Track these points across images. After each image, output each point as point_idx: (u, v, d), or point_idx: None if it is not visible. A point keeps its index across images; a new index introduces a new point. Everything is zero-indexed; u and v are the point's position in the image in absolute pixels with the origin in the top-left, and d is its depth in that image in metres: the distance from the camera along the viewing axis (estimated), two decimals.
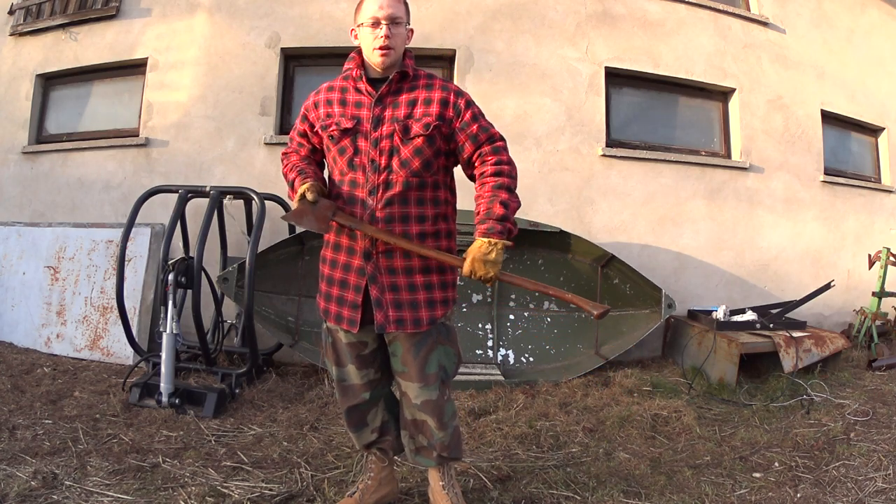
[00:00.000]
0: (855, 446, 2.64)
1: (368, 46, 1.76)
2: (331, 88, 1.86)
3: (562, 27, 4.70)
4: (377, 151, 1.76)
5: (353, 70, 1.81)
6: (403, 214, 1.78)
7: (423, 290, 1.82)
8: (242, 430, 2.79)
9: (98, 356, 3.90)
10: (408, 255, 1.79)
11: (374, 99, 1.77)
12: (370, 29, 1.74)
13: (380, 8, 1.72)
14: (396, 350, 1.86)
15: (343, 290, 1.84)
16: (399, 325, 1.79)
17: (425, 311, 1.82)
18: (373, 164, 1.76)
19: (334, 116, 1.80)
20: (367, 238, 1.78)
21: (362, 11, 1.77)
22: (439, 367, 1.87)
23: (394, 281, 1.80)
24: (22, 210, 4.90)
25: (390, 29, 1.72)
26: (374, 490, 2.03)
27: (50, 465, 2.27)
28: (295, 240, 3.89)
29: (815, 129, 5.27)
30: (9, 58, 5.20)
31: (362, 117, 1.77)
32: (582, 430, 2.87)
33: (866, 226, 5.43)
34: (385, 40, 1.72)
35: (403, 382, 1.89)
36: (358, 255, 1.81)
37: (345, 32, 4.52)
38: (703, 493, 2.22)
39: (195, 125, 4.55)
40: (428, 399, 1.85)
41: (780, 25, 5.26)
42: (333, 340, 1.92)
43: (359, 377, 1.90)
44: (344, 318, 1.83)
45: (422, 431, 1.90)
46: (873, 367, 4.09)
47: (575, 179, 4.56)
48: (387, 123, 1.76)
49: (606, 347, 4.04)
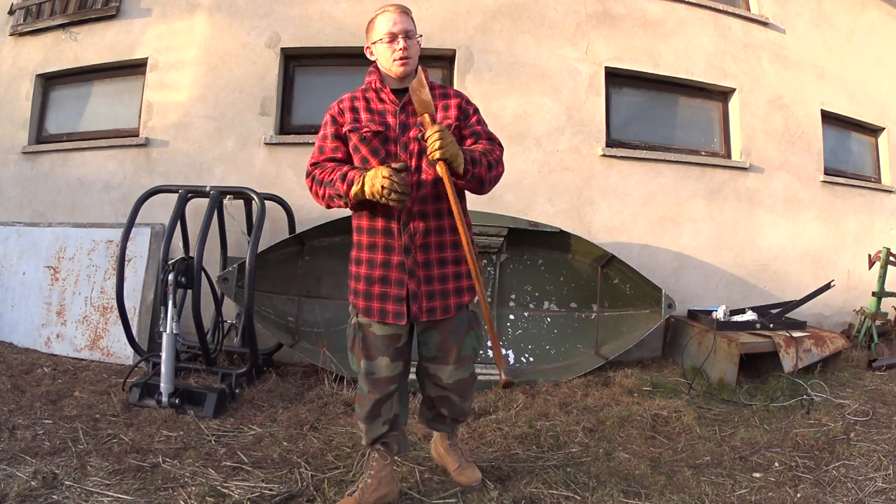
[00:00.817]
0: (855, 446, 2.64)
1: (388, 59, 1.95)
2: (354, 98, 2.02)
3: (562, 27, 4.70)
4: (407, 154, 1.94)
5: (374, 82, 2.00)
6: (436, 210, 1.96)
7: (453, 279, 2.01)
8: (242, 430, 2.79)
9: (98, 356, 3.90)
10: (441, 248, 1.98)
11: (398, 107, 1.96)
12: (387, 44, 1.94)
13: (394, 24, 1.93)
14: (430, 339, 2.05)
15: (385, 287, 1.97)
16: (430, 314, 1.98)
17: (453, 299, 2.01)
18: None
19: (362, 121, 1.96)
20: (406, 234, 1.94)
21: (376, 29, 1.97)
22: (472, 349, 2.11)
23: (429, 273, 1.98)
24: (22, 210, 4.90)
25: (406, 41, 1.92)
26: (374, 489, 2.06)
27: (50, 465, 2.27)
28: (295, 240, 3.89)
29: (815, 129, 5.27)
30: (9, 58, 5.21)
31: (389, 123, 1.96)
32: (582, 430, 2.87)
33: (866, 226, 5.43)
34: (403, 52, 1.92)
35: (434, 366, 2.08)
36: (397, 251, 1.95)
37: (345, 32, 4.53)
38: (703, 493, 2.22)
39: (195, 125, 4.55)
40: (461, 378, 2.08)
41: (780, 25, 5.26)
42: (364, 335, 2.01)
43: (390, 369, 2.01)
44: (389, 312, 1.96)
45: (444, 405, 2.16)
46: (873, 367, 4.08)
47: (575, 179, 4.56)
48: (413, 128, 1.94)
49: (606, 347, 4.04)
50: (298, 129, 4.59)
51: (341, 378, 3.42)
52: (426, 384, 2.15)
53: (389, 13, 1.95)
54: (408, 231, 1.94)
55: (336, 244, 3.96)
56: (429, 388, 2.15)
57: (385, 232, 1.94)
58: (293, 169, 4.43)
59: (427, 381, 2.14)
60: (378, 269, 1.96)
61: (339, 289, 4.03)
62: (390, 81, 1.99)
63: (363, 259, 1.99)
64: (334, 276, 4.02)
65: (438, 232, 1.97)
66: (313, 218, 4.16)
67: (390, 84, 1.99)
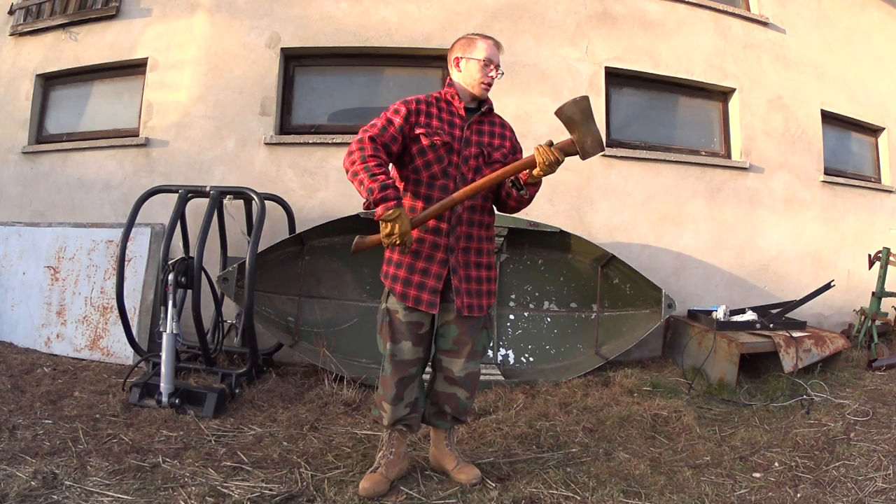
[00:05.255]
0: (855, 446, 2.64)
1: (475, 78, 2.17)
2: (428, 103, 2.18)
3: (562, 27, 4.70)
4: (467, 167, 2.15)
5: (451, 94, 2.20)
6: (480, 221, 2.21)
7: (486, 282, 2.24)
8: (242, 430, 2.79)
9: (98, 356, 3.90)
10: (478, 253, 2.21)
11: (465, 123, 2.18)
12: (482, 66, 2.16)
13: (493, 55, 2.18)
14: (449, 332, 2.20)
15: (424, 278, 2.14)
16: (470, 309, 2.17)
17: (485, 300, 2.23)
18: (462, 177, 2.14)
19: (434, 127, 2.13)
20: (453, 236, 2.14)
21: (477, 49, 2.18)
22: (483, 346, 2.29)
23: (468, 273, 2.19)
24: (22, 210, 4.90)
25: (496, 71, 2.18)
26: (395, 464, 2.24)
27: (50, 465, 2.26)
28: (295, 240, 3.89)
29: (815, 129, 5.27)
30: (9, 58, 5.21)
31: (455, 136, 2.15)
32: (582, 430, 2.87)
33: (866, 226, 5.43)
34: (490, 79, 2.18)
35: (448, 359, 2.23)
36: (441, 249, 2.14)
37: (345, 32, 4.53)
38: (703, 493, 2.22)
39: (195, 125, 4.55)
40: (472, 371, 2.25)
41: (780, 25, 5.26)
42: (391, 320, 2.18)
43: (412, 353, 2.17)
44: (423, 300, 2.13)
45: (448, 402, 2.26)
46: (873, 367, 4.08)
47: (575, 179, 4.56)
48: (474, 146, 2.17)
49: (606, 347, 4.04)
50: (298, 129, 4.59)
51: (341, 378, 3.42)
52: (436, 378, 2.28)
53: (493, 43, 2.19)
54: (455, 233, 2.14)
55: (336, 244, 3.96)
56: (438, 382, 2.27)
57: (434, 230, 2.13)
58: (293, 169, 4.43)
59: (438, 375, 2.27)
60: (421, 262, 2.14)
61: (338, 289, 4.03)
62: (464, 98, 2.20)
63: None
64: (334, 276, 4.02)
65: (479, 239, 2.21)
66: (313, 218, 4.16)
67: (465, 101, 2.20)
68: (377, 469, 2.21)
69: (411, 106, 2.13)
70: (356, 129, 2.13)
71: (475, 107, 2.23)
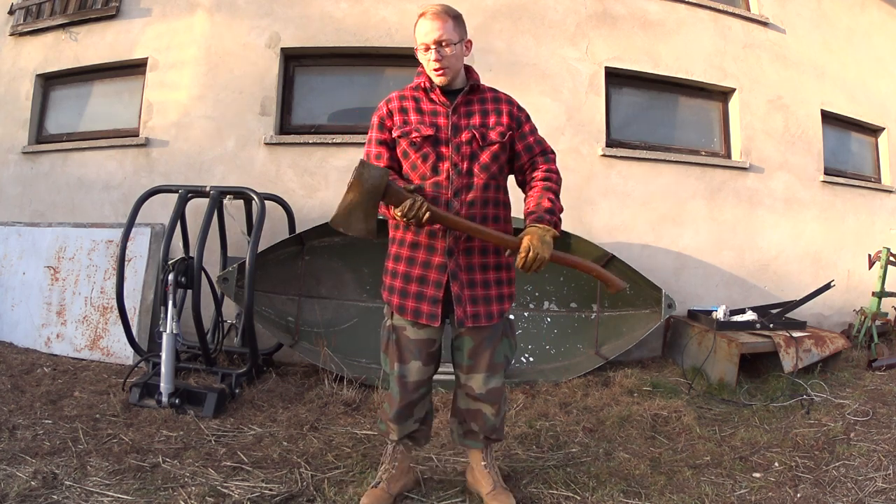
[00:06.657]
0: (855, 446, 2.64)
1: (427, 67, 1.92)
2: (402, 98, 1.97)
3: (562, 27, 4.70)
4: (459, 156, 1.91)
5: (424, 82, 1.96)
6: (483, 215, 1.93)
7: (495, 285, 1.99)
8: (242, 430, 2.79)
9: (98, 356, 3.90)
10: (484, 253, 1.96)
11: (449, 109, 1.93)
12: (423, 52, 1.90)
13: (426, 34, 1.87)
14: (464, 344, 2.00)
15: (422, 287, 1.94)
16: (475, 319, 1.94)
17: (496, 306, 1.98)
18: (455, 168, 1.91)
19: (412, 124, 1.93)
20: (451, 236, 1.91)
21: (416, 34, 1.91)
22: (504, 357, 2.06)
23: (472, 277, 1.95)
24: (22, 210, 4.90)
25: (439, 52, 1.86)
26: (398, 479, 2.12)
27: (50, 465, 2.27)
28: (295, 240, 3.89)
29: (815, 129, 5.27)
30: (9, 58, 5.20)
31: (440, 125, 1.92)
32: (582, 430, 2.87)
33: (866, 226, 5.43)
34: (436, 63, 1.88)
35: (466, 375, 2.03)
36: (439, 252, 1.93)
37: (345, 32, 4.53)
38: (703, 493, 2.22)
39: (195, 125, 4.55)
40: (494, 386, 2.02)
41: (780, 25, 5.25)
42: (398, 338, 1.99)
43: (421, 373, 2.00)
44: (423, 313, 1.93)
45: (475, 419, 2.06)
46: (873, 367, 4.08)
47: (575, 179, 4.55)
48: (465, 131, 1.92)
49: (606, 347, 4.04)
50: (298, 129, 4.59)
51: (341, 378, 3.42)
52: (458, 395, 2.12)
53: (424, 20, 1.88)
54: (452, 233, 1.91)
55: (336, 244, 3.97)
56: (460, 399, 2.11)
57: (429, 232, 1.92)
58: (293, 169, 4.43)
59: (460, 392, 2.10)
60: (417, 268, 1.95)
61: (338, 289, 4.03)
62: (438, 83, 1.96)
63: (403, 256, 1.98)
64: (334, 276, 4.02)
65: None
66: (313, 218, 4.15)
67: (440, 85, 1.95)
68: (378, 484, 2.10)
69: (382, 111, 1.97)
70: (356, 129, 2.13)
71: (458, 88, 1.97)
